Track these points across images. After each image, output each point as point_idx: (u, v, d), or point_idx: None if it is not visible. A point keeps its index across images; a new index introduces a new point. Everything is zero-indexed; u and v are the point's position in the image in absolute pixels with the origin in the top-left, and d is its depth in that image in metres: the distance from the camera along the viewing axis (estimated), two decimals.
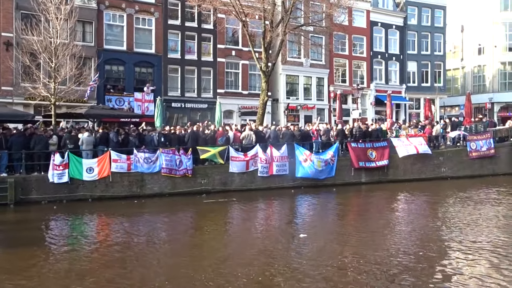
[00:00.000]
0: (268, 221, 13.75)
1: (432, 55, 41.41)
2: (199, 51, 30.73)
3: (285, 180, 20.00)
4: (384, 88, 38.15)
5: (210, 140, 19.42)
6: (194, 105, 30.37)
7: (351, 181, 21.14)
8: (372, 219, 13.76)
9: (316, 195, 18.53)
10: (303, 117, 34.62)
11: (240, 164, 19.24)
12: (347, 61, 37.23)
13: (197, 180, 18.56)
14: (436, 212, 14.34)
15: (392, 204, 16.59)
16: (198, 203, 16.75)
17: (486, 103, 44.15)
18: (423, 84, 41.14)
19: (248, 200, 17.28)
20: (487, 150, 24.13)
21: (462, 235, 11.07)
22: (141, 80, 28.94)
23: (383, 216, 13.96)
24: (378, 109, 38.20)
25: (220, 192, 18.54)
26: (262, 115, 23.83)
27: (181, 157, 18.28)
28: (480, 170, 23.95)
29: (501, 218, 13.16)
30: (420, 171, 22.88)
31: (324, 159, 20.47)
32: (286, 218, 14.25)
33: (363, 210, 15.57)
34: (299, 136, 21.24)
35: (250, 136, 19.93)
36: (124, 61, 28.27)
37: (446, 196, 17.86)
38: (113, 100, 27.67)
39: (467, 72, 47.27)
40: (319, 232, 11.85)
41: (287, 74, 34.29)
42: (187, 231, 12.41)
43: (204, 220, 13.94)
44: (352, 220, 13.52)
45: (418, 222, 12.85)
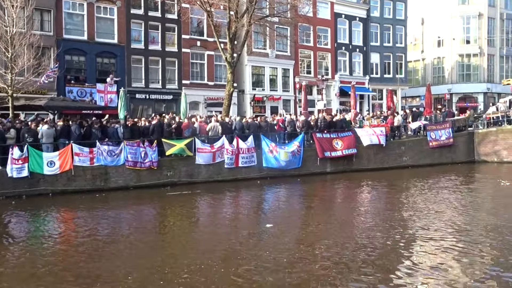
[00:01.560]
0: (233, 212, 13.76)
1: (394, 47, 42.28)
2: (163, 41, 30.24)
3: (251, 171, 20.10)
4: (348, 79, 38.70)
5: (176, 132, 19.20)
6: (159, 96, 29.97)
7: (317, 171, 21.43)
8: (336, 208, 13.99)
9: (282, 186, 18.67)
10: (269, 108, 34.69)
11: (206, 155, 19.19)
12: (312, 52, 37.50)
13: (163, 172, 18.42)
14: (398, 200, 14.70)
15: (356, 193, 16.93)
16: (164, 195, 16.64)
17: (445, 94, 45.61)
18: (385, 75, 41.99)
19: (214, 191, 17.30)
20: (446, 139, 24.92)
21: (423, 222, 11.37)
22: (103, 71, 28.27)
23: (347, 205, 14.21)
24: (343, 100, 38.78)
25: (186, 184, 18.47)
26: (228, 106, 23.75)
27: (146, 150, 18.06)
28: (440, 159, 24.73)
29: (458, 205, 13.59)
30: (382, 160, 23.40)
31: (290, 150, 20.63)
32: (251, 209, 14.29)
33: (327, 200, 15.81)
34: (265, 127, 21.35)
35: (216, 127, 19.85)
36: (85, 51, 27.48)
37: (408, 184, 18.36)
38: (75, 92, 26.91)
39: (427, 64, 48.62)
40: (285, 222, 11.94)
41: (253, 65, 34.23)
42: (151, 224, 12.28)
43: (169, 213, 13.83)
44: (317, 210, 13.68)
45: (380, 211, 13.14)
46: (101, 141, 17.66)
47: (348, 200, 15.54)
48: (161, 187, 17.89)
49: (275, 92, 35.24)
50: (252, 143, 20.09)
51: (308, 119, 23.32)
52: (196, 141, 19.05)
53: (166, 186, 18.02)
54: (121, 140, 18.05)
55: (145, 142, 18.19)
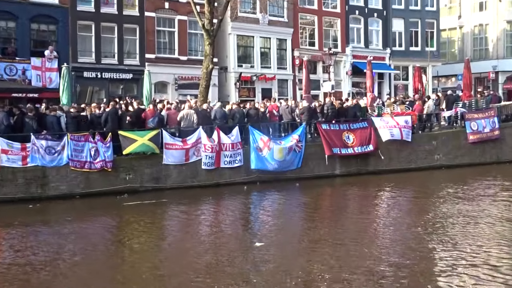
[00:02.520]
0: (211, 229, 13.78)
1: (423, 12, 42.43)
2: (120, 2, 30.03)
3: (237, 174, 20.10)
4: (363, 53, 38.73)
5: (137, 122, 19.16)
6: (115, 75, 29.77)
7: (322, 174, 21.49)
8: (347, 224, 13.99)
9: (276, 193, 18.66)
10: (260, 91, 34.68)
11: (177, 153, 19.16)
12: (316, 18, 37.50)
13: (119, 175, 18.39)
14: (426, 213, 14.75)
15: (372, 203, 16.99)
16: (119, 206, 16.62)
17: (489, 72, 45.86)
18: (411, 48, 42.14)
19: (187, 201, 17.22)
20: (491, 131, 25.04)
21: (454, 245, 11.38)
22: (40, 41, 28.01)
23: (360, 220, 14.23)
24: (356, 80, 38.81)
25: (150, 191, 18.47)
26: (206, 88, 23.73)
27: (97, 145, 17.98)
28: (482, 157, 24.89)
29: (505, 221, 13.55)
30: (408, 159, 23.53)
31: (287, 146, 20.65)
32: (234, 224, 14.30)
33: (335, 212, 15.84)
34: (254, 116, 21.28)
35: (190, 116, 19.83)
36: (16, 15, 27.15)
37: (439, 192, 18.44)
38: (2, 68, 26.67)
39: (465, 33, 48.86)
40: (279, 241, 11.96)
41: (239, 35, 34.19)
42: (103, 246, 12.25)
43: (125, 230, 13.80)
44: (321, 225, 13.70)
45: (403, 227, 13.17)
46: (38, 134, 17.50)
47: (362, 212, 15.56)
48: (117, 195, 17.84)
49: (267, 70, 35.18)
50: (237, 136, 20.06)
51: (311, 106, 23.22)
52: (164, 134, 18.99)
53: (123, 194, 17.99)
54: (64, 133, 17.89)
55: (96, 136, 18.08)
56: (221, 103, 22.64)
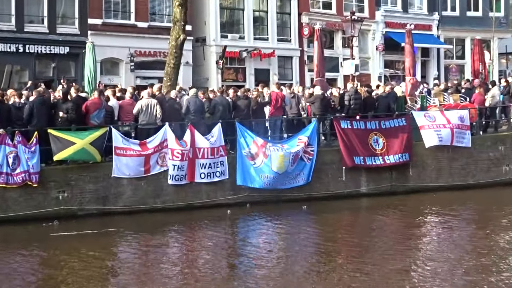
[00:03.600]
0: (180, 274, 13.73)
1: None
2: None
3: (218, 192, 20.23)
4: (400, 20, 38.83)
5: (75, 116, 18.99)
6: (43, 48, 29.64)
7: (341, 192, 21.54)
8: (377, 268, 13.77)
9: (274, 220, 18.68)
10: (253, 73, 34.84)
11: (133, 162, 19.22)
12: None
13: (50, 193, 18.38)
14: (499, 258, 14.43)
15: (412, 238, 16.80)
16: (47, 237, 16.66)
17: None
18: (469, 13, 42.22)
19: (146, 230, 17.28)
20: None
21: None
22: None
23: (396, 262, 14.10)
24: (390, 57, 39.02)
25: (95, 215, 18.60)
26: (174, 68, 23.67)
27: (17, 150, 17.84)
28: None
29: None
30: (464, 172, 23.43)
31: (292, 152, 20.57)
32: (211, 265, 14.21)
33: (358, 252, 15.51)
34: (244, 108, 21.25)
35: (151, 108, 19.74)
36: None
37: None
38: None
39: None
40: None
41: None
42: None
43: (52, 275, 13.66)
44: (337, 275, 13.46)
45: (461, 281, 12.85)
46: None
47: (397, 253, 15.22)
48: (45, 221, 17.84)
49: (263, 43, 35.33)
50: (219, 138, 20.16)
51: (326, 94, 23.08)
52: (114, 134, 19.01)
53: (54, 220, 17.95)
54: None
55: (16, 136, 17.93)
56: (197, 90, 22.46)
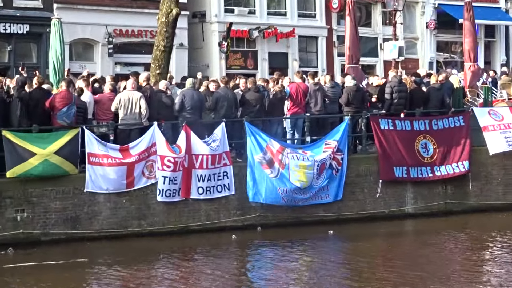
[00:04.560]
0: None
1: None
2: None
3: (222, 211, 20.49)
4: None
5: (36, 113, 19.41)
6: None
7: (380, 212, 21.87)
8: None
9: (291, 249, 18.71)
10: (267, 58, 35.28)
11: (112, 173, 19.50)
12: None
13: (4, 212, 18.69)
14: None
15: (475, 271, 16.65)
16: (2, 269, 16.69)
17: None
18: None
19: (125, 262, 17.30)
20: None
21: None
22: None
23: None
24: (445, 38, 39.47)
25: (63, 241, 18.82)
26: (165, 52, 23.85)
27: None
28: None
29: None
30: None
31: (317, 160, 20.86)
32: None
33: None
34: (255, 103, 21.50)
35: (133, 103, 20.01)
36: None
37: None
38: None
39: None
40: None
41: None
42: None
43: None
44: None
45: None
46: None
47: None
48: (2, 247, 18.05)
49: (280, 20, 35.90)
50: (223, 142, 20.38)
51: (362, 85, 23.47)
52: (88, 137, 19.31)
53: (8, 247, 18.16)
54: None
55: None
56: (194, 80, 22.63)
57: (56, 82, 21.14)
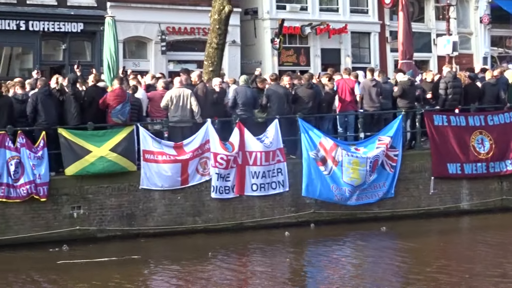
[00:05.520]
0: None
1: None
2: None
3: (277, 208, 20.48)
4: None
5: (91, 112, 19.45)
6: (51, 25, 30.32)
7: (435, 209, 21.69)
8: None
9: (345, 245, 18.82)
10: (319, 54, 35.19)
11: (166, 169, 19.52)
12: None
13: (61, 209, 18.74)
14: None
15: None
16: (54, 266, 16.73)
17: None
18: None
19: (181, 258, 17.32)
20: None
21: None
22: None
23: None
24: (498, 33, 39.06)
25: (119, 238, 18.93)
26: (218, 49, 23.93)
27: (20, 154, 18.22)
28: None
29: None
30: None
31: (370, 157, 20.80)
32: None
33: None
34: (308, 100, 21.38)
35: (184, 100, 20.03)
36: None
37: None
38: None
39: None
40: None
41: None
42: None
43: None
44: None
45: None
46: None
47: None
48: (56, 245, 18.09)
49: (332, 16, 35.91)
50: (277, 139, 20.36)
51: (415, 81, 23.23)
52: (142, 135, 19.38)
53: (64, 244, 18.22)
54: None
55: (19, 137, 18.29)
56: (247, 77, 22.55)
57: (110, 80, 21.18)
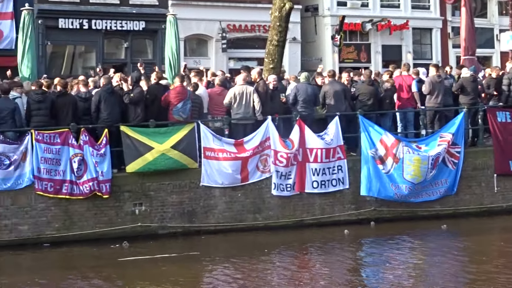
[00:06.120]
0: None
1: None
2: None
3: (337, 205, 20.45)
4: None
5: (153, 109, 19.58)
6: (114, 24, 30.57)
7: (498, 206, 21.48)
8: None
9: (404, 243, 18.67)
10: (380, 51, 35.13)
11: (227, 167, 19.56)
12: None
13: (124, 206, 18.90)
14: None
15: None
16: (114, 263, 16.94)
17: None
18: None
19: (239, 255, 17.35)
20: None
21: None
22: None
23: None
24: None
25: (180, 234, 19.05)
26: (278, 46, 23.92)
27: (83, 152, 18.36)
28: None
29: None
30: None
31: (432, 155, 20.62)
32: None
33: None
34: (370, 97, 21.31)
35: (247, 97, 20.10)
36: None
37: None
38: None
39: None
40: None
41: None
42: None
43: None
44: None
45: None
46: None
47: None
48: (118, 241, 18.29)
49: (394, 12, 35.68)
50: (337, 136, 20.27)
51: (478, 77, 23.00)
52: (203, 132, 19.41)
53: (125, 241, 18.38)
54: (26, 129, 18.33)
55: (82, 135, 18.41)
56: (308, 74, 22.46)
57: (171, 78, 21.50)
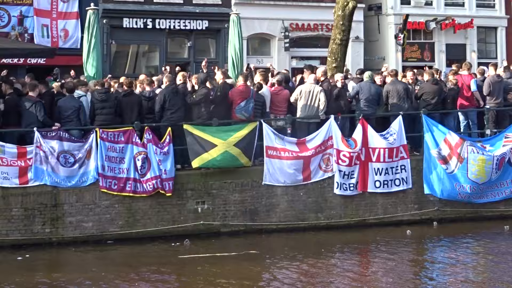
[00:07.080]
0: None
1: None
2: None
3: (400, 205, 20.35)
4: None
5: (219, 107, 19.63)
6: (176, 23, 30.73)
7: None
8: None
9: (469, 244, 18.44)
10: (444, 50, 34.76)
11: (289, 166, 19.51)
12: None
13: (186, 204, 18.99)
14: None
15: None
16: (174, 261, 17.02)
17: None
18: None
19: (302, 254, 17.32)
20: None
21: None
22: None
23: None
24: None
25: (242, 233, 19.10)
26: (341, 45, 23.85)
27: (147, 150, 18.49)
28: None
29: None
30: None
31: (497, 155, 20.38)
32: None
33: None
34: (434, 96, 21.11)
35: (313, 97, 20.02)
36: None
37: None
38: None
39: None
40: None
41: None
42: None
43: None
44: None
45: None
46: (45, 129, 17.98)
47: None
48: (181, 239, 18.42)
49: (458, 11, 35.30)
50: (400, 135, 20.17)
51: None
52: (266, 131, 19.39)
53: (186, 238, 18.51)
54: (91, 128, 18.50)
55: (146, 133, 18.55)
56: (371, 73, 22.27)
57: (235, 77, 21.50)
